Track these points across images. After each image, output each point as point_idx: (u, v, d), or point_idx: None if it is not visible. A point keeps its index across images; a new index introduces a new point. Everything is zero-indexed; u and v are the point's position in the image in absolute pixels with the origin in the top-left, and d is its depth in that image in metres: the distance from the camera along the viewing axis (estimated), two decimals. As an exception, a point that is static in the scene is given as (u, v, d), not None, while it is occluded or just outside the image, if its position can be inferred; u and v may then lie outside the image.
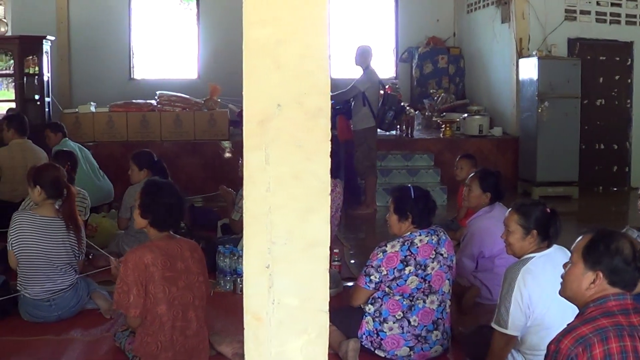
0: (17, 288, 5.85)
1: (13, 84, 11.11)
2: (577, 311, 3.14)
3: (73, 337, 5.58)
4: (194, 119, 10.80)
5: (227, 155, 10.51)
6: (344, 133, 9.95)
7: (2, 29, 10.63)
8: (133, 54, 14.36)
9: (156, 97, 11.16)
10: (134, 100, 11.31)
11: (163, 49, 15.16)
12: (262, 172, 2.16)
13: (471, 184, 6.30)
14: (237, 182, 7.75)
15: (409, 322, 4.83)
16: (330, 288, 2.32)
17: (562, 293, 3.23)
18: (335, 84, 2.12)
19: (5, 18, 10.76)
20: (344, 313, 4.97)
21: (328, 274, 2.26)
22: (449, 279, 4.97)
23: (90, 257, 6.91)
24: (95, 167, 9.08)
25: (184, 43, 14.80)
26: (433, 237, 4.89)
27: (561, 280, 3.23)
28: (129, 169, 7.52)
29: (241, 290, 6.28)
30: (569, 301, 3.21)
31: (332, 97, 9.29)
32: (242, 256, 6.33)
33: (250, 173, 2.17)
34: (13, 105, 10.66)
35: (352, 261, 7.51)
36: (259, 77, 2.18)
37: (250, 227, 2.18)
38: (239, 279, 6.41)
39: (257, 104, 2.17)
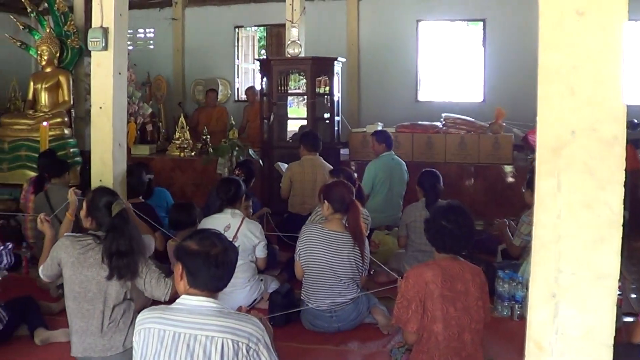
0: (301, 297, 6.13)
1: (304, 102, 11.62)
2: None
3: (350, 349, 5.76)
4: (478, 142, 10.75)
5: (510, 179, 10.39)
6: (631, 162, 9.45)
7: (297, 50, 11.13)
8: (419, 76, 14.56)
9: (442, 120, 11.24)
10: (419, 122, 11.46)
11: (449, 71, 15.28)
12: (553, 199, 2.13)
13: None
14: (518, 207, 7.66)
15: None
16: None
17: None
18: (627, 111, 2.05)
19: (299, 40, 11.29)
20: (622, 349, 4.72)
21: (615, 308, 2.19)
22: None
23: (372, 272, 7.09)
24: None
25: (469, 66, 14.83)
26: None
27: None
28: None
29: (518, 317, 6.20)
30: None
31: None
32: (521, 282, 6.29)
33: (541, 200, 2.15)
34: (304, 122, 11.18)
35: (634, 295, 7.14)
36: (554, 103, 2.16)
37: (539, 254, 2.16)
38: (517, 305, 6.32)
39: (551, 131, 2.15)
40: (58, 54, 11.52)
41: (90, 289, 4.90)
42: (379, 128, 11.04)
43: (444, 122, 11.18)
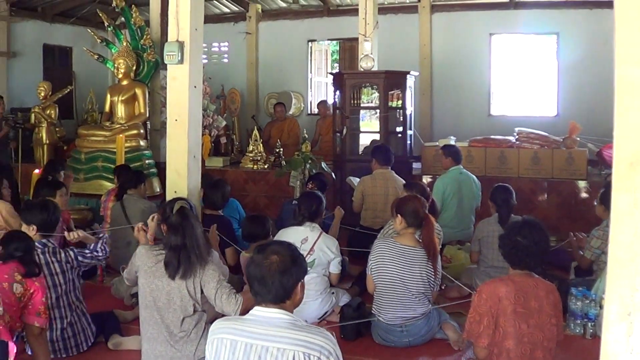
0: (372, 312, 6.12)
1: (376, 116, 11.62)
2: None
3: (421, 363, 5.74)
4: (552, 156, 10.60)
5: (584, 195, 10.24)
6: None
7: (369, 64, 11.16)
8: (492, 90, 14.45)
9: (515, 134, 11.13)
10: (492, 136, 11.37)
11: (522, 85, 15.12)
12: (630, 217, 2.10)
13: None
14: (592, 223, 7.54)
15: None
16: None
17: None
18: None
19: (372, 53, 11.32)
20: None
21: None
22: None
23: (443, 287, 7.04)
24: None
25: (543, 80, 14.64)
26: None
27: None
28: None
29: (591, 335, 6.09)
30: None
31: None
32: (595, 300, 6.18)
33: (618, 216, 2.12)
34: (376, 136, 11.19)
35: None
36: (631, 117, 2.13)
37: (614, 272, 2.12)
38: (589, 324, 6.20)
39: (628, 146, 2.12)
40: (134, 67, 11.76)
41: (160, 298, 5.01)
42: (452, 142, 10.99)
43: (517, 137, 11.07)
